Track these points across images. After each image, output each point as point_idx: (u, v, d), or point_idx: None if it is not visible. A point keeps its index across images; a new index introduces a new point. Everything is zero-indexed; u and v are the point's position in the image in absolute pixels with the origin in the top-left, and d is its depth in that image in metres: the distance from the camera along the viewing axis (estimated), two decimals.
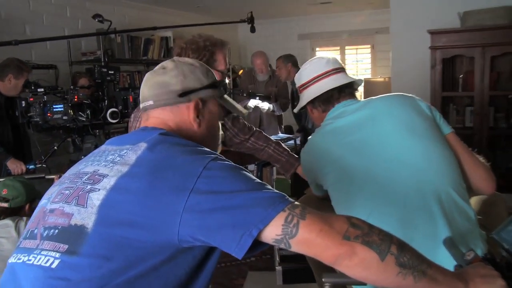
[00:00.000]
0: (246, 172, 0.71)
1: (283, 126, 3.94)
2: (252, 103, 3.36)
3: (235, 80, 5.18)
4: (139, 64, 4.22)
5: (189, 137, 0.82)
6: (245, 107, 3.68)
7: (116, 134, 3.30)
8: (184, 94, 0.84)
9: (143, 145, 0.76)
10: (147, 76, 0.88)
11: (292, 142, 2.72)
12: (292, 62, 3.49)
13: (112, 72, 2.56)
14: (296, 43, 5.46)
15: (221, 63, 1.46)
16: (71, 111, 2.40)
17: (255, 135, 1.71)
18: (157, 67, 0.89)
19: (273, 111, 3.48)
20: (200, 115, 0.85)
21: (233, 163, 0.73)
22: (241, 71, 5.06)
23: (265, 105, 3.39)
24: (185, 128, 0.85)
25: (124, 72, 4.00)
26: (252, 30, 2.45)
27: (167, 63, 0.88)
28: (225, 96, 0.93)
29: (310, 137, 1.29)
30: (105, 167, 0.74)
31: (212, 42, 1.45)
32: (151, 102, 0.85)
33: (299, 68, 1.40)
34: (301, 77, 1.36)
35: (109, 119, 2.50)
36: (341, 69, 1.32)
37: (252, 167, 2.22)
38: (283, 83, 3.63)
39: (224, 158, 0.73)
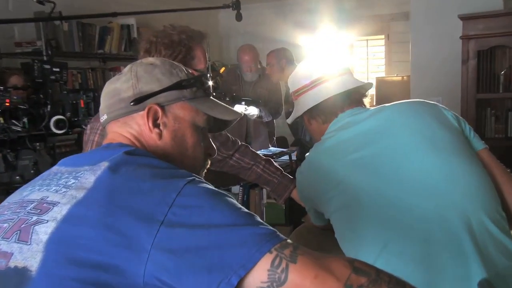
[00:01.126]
0: (229, 199, 0.72)
1: (275, 138, 4.00)
2: (237, 109, 3.45)
3: (215, 80, 5.21)
4: (93, 59, 4.22)
5: (156, 154, 0.84)
6: None
7: (63, 148, 3.24)
8: (137, 100, 0.86)
9: (104, 165, 0.77)
10: (105, 85, 0.92)
11: (286, 158, 2.75)
12: (287, 58, 3.56)
13: (58, 69, 2.54)
14: (292, 34, 5.51)
15: (200, 61, 1.50)
16: (1, 118, 2.35)
17: (240, 150, 1.74)
18: None
19: (260, 116, 3.57)
20: (162, 124, 0.87)
21: (213, 187, 0.74)
22: (222, 69, 5.08)
23: (253, 111, 3.47)
24: (148, 143, 0.87)
25: (74, 70, 3.98)
26: (238, 17, 2.45)
27: (126, 67, 0.92)
28: (210, 97, 0.94)
29: (308, 153, 1.31)
30: (56, 193, 0.75)
31: (189, 36, 1.49)
32: (105, 116, 0.90)
33: (295, 66, 1.43)
34: (296, 80, 1.38)
35: (53, 129, 2.46)
36: (345, 70, 1.35)
37: (236, 189, 2.21)
38: (275, 84, 3.70)
39: (203, 180, 0.75)
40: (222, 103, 0.96)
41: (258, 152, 1.83)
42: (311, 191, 1.25)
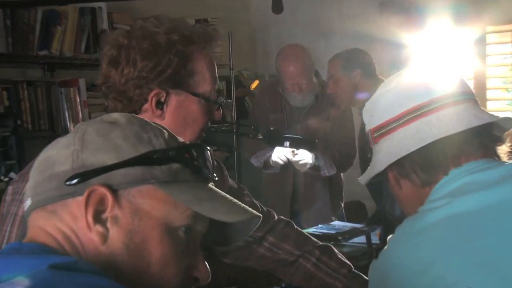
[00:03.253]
0: None
1: (342, 204, 4.04)
2: (279, 154, 3.54)
3: (242, 104, 5.31)
4: (30, 66, 4.16)
5: (98, 263, 0.86)
6: (264, 164, 3.74)
7: None
8: (74, 178, 0.89)
9: (20, 284, 0.79)
10: (42, 151, 0.98)
11: (360, 240, 2.79)
12: (364, 68, 3.60)
13: None
14: (375, 21, 5.40)
15: (205, 79, 1.57)
16: None
17: (276, 230, 1.83)
18: None
19: (318, 167, 3.64)
20: (110, 219, 0.90)
21: None
22: (255, 84, 5.15)
23: (305, 157, 3.53)
24: (85, 248, 0.90)
25: None
26: (277, 8, 2.44)
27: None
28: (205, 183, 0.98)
29: (392, 238, 1.34)
30: None
31: (185, 36, 1.54)
32: (28, 201, 0.94)
33: (379, 82, 1.48)
34: (379, 108, 1.44)
35: None
36: (467, 95, 1.39)
37: None
38: (343, 112, 3.78)
39: None
40: (222, 193, 0.99)
41: (310, 230, 1.80)
42: None
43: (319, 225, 3.16)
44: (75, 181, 0.89)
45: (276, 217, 1.86)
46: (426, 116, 1.35)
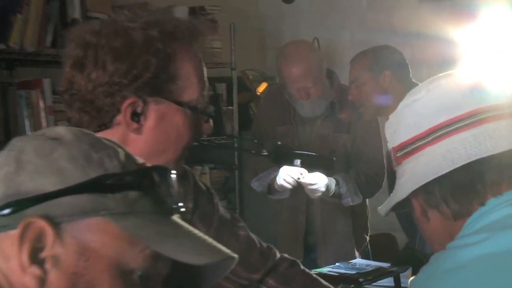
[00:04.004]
0: None
1: (368, 238, 4.08)
2: (286, 176, 3.53)
3: (245, 112, 5.34)
4: None
5: None
6: (269, 188, 3.73)
7: None
8: (6, 207, 0.88)
9: None
10: None
11: (386, 281, 2.86)
12: (394, 69, 3.62)
13: None
14: (412, 12, 5.42)
15: (191, 84, 1.59)
16: None
17: (279, 271, 1.85)
18: None
19: (338, 195, 3.69)
20: (50, 260, 0.89)
21: None
22: (262, 87, 5.14)
23: (317, 182, 3.54)
24: None
25: None
26: None
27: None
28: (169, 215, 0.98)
29: (414, 280, 1.38)
30: None
31: (166, 32, 1.56)
32: None
33: (410, 86, 1.50)
34: (402, 124, 1.45)
35: None
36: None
37: None
38: (367, 125, 3.84)
39: None
40: (190, 229, 0.99)
41: (325, 270, 1.82)
42: None
43: (337, 264, 3.18)
44: (7, 211, 0.88)
45: (278, 255, 1.88)
46: (460, 132, 1.36)
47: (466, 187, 1.34)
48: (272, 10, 5.97)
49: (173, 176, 0.99)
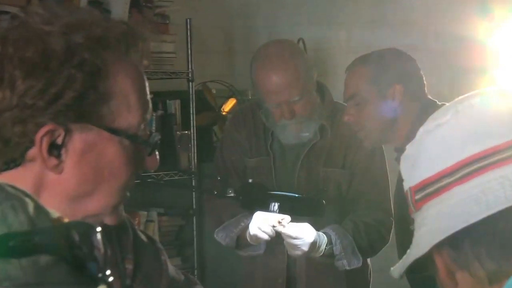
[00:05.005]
0: None
1: None
2: (261, 224, 3.59)
3: (207, 138, 5.40)
4: None
5: None
6: (237, 241, 3.78)
7: None
8: None
9: None
10: None
11: None
12: (406, 82, 3.64)
13: None
14: (432, 7, 5.54)
15: (128, 106, 1.61)
16: None
17: None
18: None
19: (330, 255, 3.74)
20: None
21: None
22: (229, 106, 5.14)
23: (303, 237, 3.59)
24: None
25: None
26: None
27: None
28: None
29: None
30: None
31: (94, 38, 1.57)
32: None
33: (426, 105, 1.40)
34: (423, 156, 1.49)
35: None
36: None
37: None
38: (369, 154, 3.92)
39: None
40: None
41: None
42: None
43: None
44: None
45: None
46: (498, 168, 1.37)
47: (506, 240, 1.35)
48: (242, 1, 6.00)
49: (98, 235, 0.99)
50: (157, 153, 1.66)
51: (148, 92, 1.66)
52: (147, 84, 1.65)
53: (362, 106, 3.63)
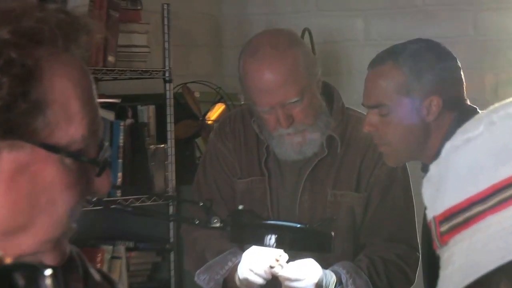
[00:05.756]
0: None
1: None
2: (254, 265, 3.65)
3: (189, 154, 5.51)
4: None
5: None
6: (224, 283, 3.97)
7: None
8: None
9: None
10: None
11: None
12: (445, 91, 3.67)
13: None
14: None
15: (69, 116, 1.62)
16: None
17: None
18: None
19: None
20: None
21: None
22: (215, 113, 5.15)
23: (305, 277, 3.66)
24: None
25: None
26: None
27: None
28: None
29: None
30: None
31: (24, 32, 1.60)
32: None
33: (465, 114, 1.38)
34: (449, 180, 1.48)
35: None
36: None
37: None
38: (391, 174, 4.01)
39: None
40: None
41: None
42: None
43: None
44: None
45: None
46: None
47: None
48: None
49: (49, 279, 0.97)
50: (109, 172, 1.66)
51: (95, 96, 1.65)
52: (94, 86, 1.64)
53: (388, 118, 3.63)
